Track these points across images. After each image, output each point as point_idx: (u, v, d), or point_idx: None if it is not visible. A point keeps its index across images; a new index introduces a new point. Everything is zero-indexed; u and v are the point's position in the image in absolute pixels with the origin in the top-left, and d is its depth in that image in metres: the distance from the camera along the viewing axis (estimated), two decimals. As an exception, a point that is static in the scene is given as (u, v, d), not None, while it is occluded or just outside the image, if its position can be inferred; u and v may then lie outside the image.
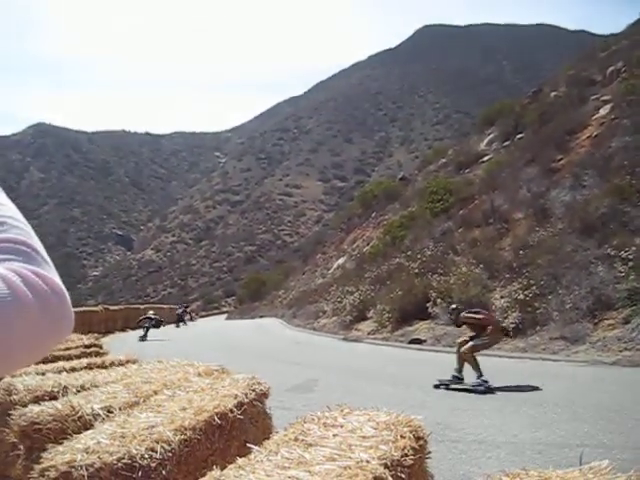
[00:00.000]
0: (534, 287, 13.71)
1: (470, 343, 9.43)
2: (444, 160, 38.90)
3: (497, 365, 11.63)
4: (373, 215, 39.32)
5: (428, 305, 17.37)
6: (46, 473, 2.01)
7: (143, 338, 23.23)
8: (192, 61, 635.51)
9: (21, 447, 2.74)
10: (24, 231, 0.87)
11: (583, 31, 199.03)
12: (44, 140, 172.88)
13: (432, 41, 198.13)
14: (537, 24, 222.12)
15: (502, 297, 15.24)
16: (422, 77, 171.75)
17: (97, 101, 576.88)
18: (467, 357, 9.35)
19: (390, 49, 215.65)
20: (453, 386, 9.39)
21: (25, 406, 2.92)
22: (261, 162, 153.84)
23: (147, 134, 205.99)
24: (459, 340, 10.09)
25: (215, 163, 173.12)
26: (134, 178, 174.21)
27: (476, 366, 9.17)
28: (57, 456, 2.08)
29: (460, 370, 9.50)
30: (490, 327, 9.59)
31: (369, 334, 19.22)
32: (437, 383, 9.51)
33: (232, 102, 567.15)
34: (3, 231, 0.85)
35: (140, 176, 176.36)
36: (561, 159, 21.37)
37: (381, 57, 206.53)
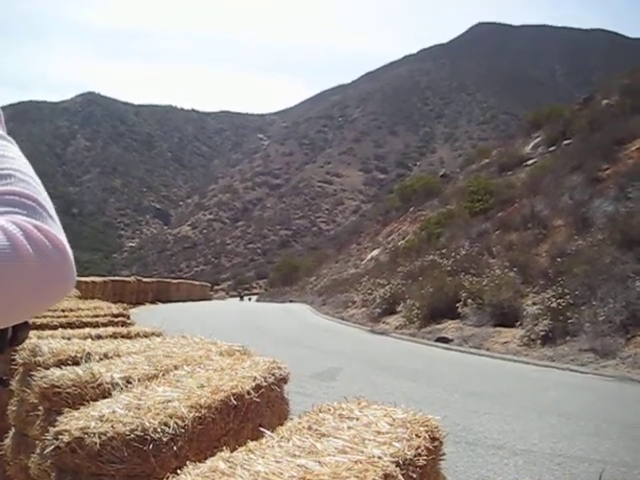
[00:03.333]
0: (568, 296, 13.47)
1: None
2: (487, 160, 38.52)
3: (523, 372, 11.51)
4: (411, 210, 39.13)
5: (458, 305, 17.24)
6: (60, 437, 2.02)
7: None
8: (240, 42, 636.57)
9: (40, 408, 2.77)
10: (31, 185, 0.85)
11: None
12: (92, 109, 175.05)
13: (485, 39, 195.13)
14: (594, 29, 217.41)
15: (534, 304, 15.04)
16: (472, 75, 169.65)
17: (146, 74, 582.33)
18: None
19: (442, 44, 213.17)
20: None
21: (47, 369, 2.94)
22: (304, 147, 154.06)
23: (193, 111, 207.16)
24: None
25: (258, 145, 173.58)
26: (177, 154, 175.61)
27: None
28: (72, 421, 2.09)
29: None
30: None
31: (397, 328, 19.15)
32: None
33: (279, 86, 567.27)
34: (9, 184, 0.83)
35: (183, 152, 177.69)
36: (607, 169, 20.95)
37: (432, 51, 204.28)
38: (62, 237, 0.80)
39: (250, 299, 56.68)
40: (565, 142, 28.05)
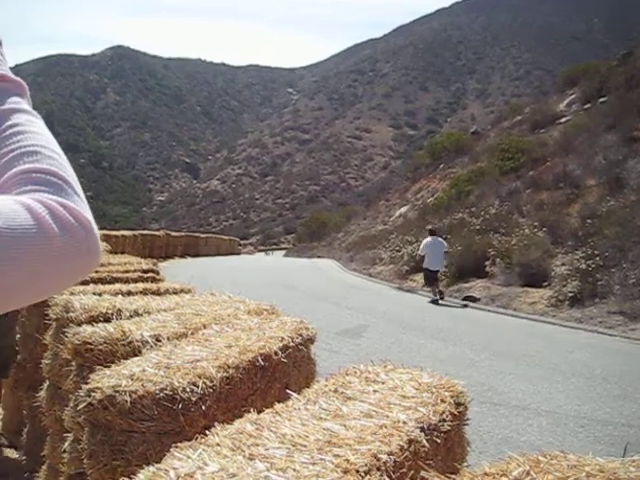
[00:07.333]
0: (598, 258, 13.32)
1: None
2: (520, 118, 37.76)
3: (550, 333, 11.48)
4: (441, 167, 38.70)
5: (486, 264, 17.16)
6: (92, 394, 2.07)
7: None
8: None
9: (73, 363, 2.83)
10: (57, 162, 0.85)
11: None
12: (122, 63, 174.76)
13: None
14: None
15: (563, 264, 14.92)
16: (506, 29, 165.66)
17: (174, 29, 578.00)
18: None
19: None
20: None
21: (80, 325, 2.99)
22: (333, 102, 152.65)
23: (223, 64, 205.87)
24: None
25: (287, 99, 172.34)
26: (206, 108, 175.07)
27: None
28: (104, 379, 2.13)
29: None
30: None
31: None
32: None
33: (309, 40, 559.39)
34: (35, 161, 0.83)
35: (212, 106, 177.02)
36: (643, 128, 20.47)
37: (466, 5, 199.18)
38: (87, 214, 0.81)
39: (267, 254, 59.84)
40: (601, 100, 27.36)
